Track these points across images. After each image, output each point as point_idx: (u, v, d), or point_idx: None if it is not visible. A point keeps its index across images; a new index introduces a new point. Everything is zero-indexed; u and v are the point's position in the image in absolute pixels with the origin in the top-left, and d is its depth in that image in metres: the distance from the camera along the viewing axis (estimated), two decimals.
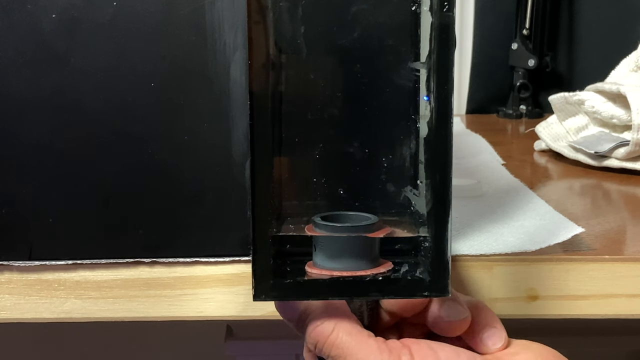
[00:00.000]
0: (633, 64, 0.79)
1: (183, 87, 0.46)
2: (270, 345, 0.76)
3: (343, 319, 0.40)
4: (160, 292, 0.48)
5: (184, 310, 0.48)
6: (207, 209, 0.47)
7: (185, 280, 0.48)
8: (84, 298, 0.48)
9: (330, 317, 0.40)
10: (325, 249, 0.42)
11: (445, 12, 0.40)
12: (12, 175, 0.46)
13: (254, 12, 0.40)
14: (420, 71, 0.43)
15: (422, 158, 0.43)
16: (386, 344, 0.38)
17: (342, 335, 0.39)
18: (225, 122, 0.46)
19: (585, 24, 1.11)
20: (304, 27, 0.44)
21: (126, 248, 0.47)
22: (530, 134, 0.85)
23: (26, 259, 0.47)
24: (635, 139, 0.69)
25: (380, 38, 0.44)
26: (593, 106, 0.74)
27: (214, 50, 0.45)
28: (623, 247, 0.52)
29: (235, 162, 0.46)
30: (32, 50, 0.45)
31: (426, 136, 0.42)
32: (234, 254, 0.47)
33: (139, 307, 0.48)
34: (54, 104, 0.46)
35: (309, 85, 0.44)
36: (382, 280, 0.41)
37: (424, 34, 0.42)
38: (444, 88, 0.40)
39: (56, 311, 0.48)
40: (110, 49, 0.45)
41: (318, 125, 0.45)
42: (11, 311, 0.48)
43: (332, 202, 0.45)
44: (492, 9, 1.11)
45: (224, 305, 0.48)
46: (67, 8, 0.45)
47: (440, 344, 0.38)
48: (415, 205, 0.44)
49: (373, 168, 0.45)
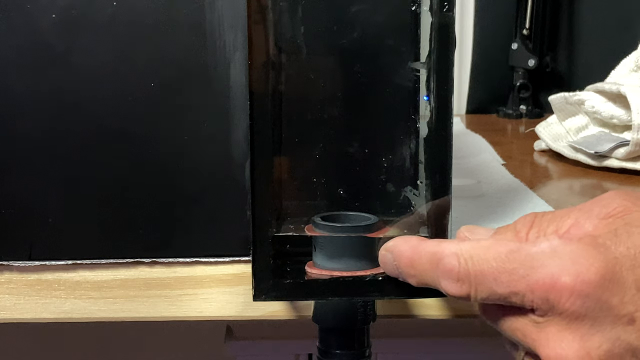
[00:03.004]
0: (633, 64, 0.79)
1: (183, 87, 0.46)
2: (270, 345, 0.76)
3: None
4: (160, 292, 0.48)
5: (184, 311, 0.48)
6: (207, 209, 0.47)
7: (185, 280, 0.48)
8: (84, 298, 0.48)
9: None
10: (325, 249, 0.42)
11: (445, 12, 0.40)
12: (12, 175, 0.46)
13: (254, 12, 0.40)
14: (420, 71, 0.43)
15: (422, 158, 0.43)
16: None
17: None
18: (225, 122, 0.46)
19: (585, 24, 1.11)
20: (304, 27, 0.44)
21: (126, 248, 0.47)
22: (530, 134, 0.85)
23: (26, 259, 0.47)
24: (635, 139, 0.69)
25: (380, 38, 0.44)
26: (593, 106, 0.74)
27: (214, 50, 0.45)
28: None
29: (235, 162, 0.46)
30: (32, 50, 0.45)
31: (426, 136, 0.42)
32: (234, 254, 0.47)
33: (139, 307, 0.48)
34: (54, 104, 0.46)
35: (309, 85, 0.44)
36: (382, 280, 0.41)
37: (424, 34, 0.42)
38: (444, 88, 0.40)
39: (56, 311, 0.48)
40: (110, 49, 0.45)
41: (318, 125, 0.45)
42: (11, 311, 0.48)
43: (332, 202, 0.45)
44: (492, 9, 1.11)
45: (224, 305, 0.48)
46: (67, 8, 0.45)
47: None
48: (415, 205, 0.44)
49: (373, 168, 0.45)
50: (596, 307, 0.33)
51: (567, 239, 0.34)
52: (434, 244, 0.37)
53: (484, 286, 0.35)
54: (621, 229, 0.34)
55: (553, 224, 0.36)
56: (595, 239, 0.34)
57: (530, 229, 0.37)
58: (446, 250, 0.36)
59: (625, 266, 0.33)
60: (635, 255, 0.33)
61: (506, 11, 1.09)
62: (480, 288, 0.35)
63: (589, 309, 0.33)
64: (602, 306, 0.33)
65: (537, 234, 0.36)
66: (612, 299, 0.33)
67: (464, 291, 0.36)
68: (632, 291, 0.33)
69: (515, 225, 0.37)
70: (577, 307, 0.33)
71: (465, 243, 0.36)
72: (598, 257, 0.33)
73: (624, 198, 0.36)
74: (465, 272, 0.35)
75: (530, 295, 0.34)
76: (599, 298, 0.33)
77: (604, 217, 0.35)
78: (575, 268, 0.33)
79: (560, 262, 0.33)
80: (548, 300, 0.33)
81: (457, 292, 0.36)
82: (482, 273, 0.35)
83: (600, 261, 0.33)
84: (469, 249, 0.36)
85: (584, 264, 0.33)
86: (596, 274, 0.33)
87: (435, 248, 0.37)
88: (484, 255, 0.35)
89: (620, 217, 0.35)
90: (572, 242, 0.34)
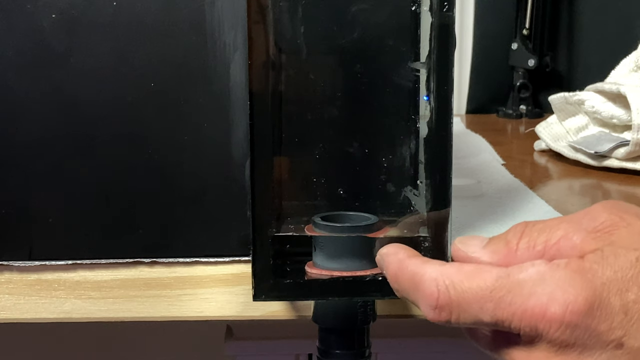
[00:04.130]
0: (633, 64, 0.79)
1: (183, 87, 0.46)
2: (270, 345, 0.76)
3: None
4: (160, 292, 0.48)
5: (184, 310, 0.48)
6: (207, 209, 0.47)
7: (185, 280, 0.48)
8: (84, 298, 0.48)
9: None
10: (325, 249, 0.42)
11: (445, 12, 0.40)
12: (12, 175, 0.46)
13: (254, 12, 0.40)
14: (420, 71, 0.43)
15: (422, 158, 0.43)
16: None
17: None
18: (225, 122, 0.46)
19: (585, 24, 1.11)
20: (304, 27, 0.44)
21: (126, 248, 0.47)
22: (530, 134, 0.85)
23: (26, 259, 0.47)
24: (635, 139, 0.69)
25: (380, 38, 0.44)
26: (593, 106, 0.74)
27: (214, 50, 0.45)
28: None
29: (235, 162, 0.46)
30: (32, 50, 0.45)
31: (426, 136, 0.42)
32: (234, 254, 0.47)
33: (139, 307, 0.48)
34: (54, 104, 0.46)
35: (309, 85, 0.44)
36: (382, 280, 0.41)
37: (424, 34, 0.42)
38: (444, 88, 0.40)
39: (56, 311, 0.48)
40: (110, 49, 0.45)
41: (318, 125, 0.45)
42: (11, 311, 0.48)
43: (332, 202, 0.45)
44: (492, 9, 1.11)
45: (224, 305, 0.48)
46: (67, 8, 0.45)
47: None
48: (415, 205, 0.44)
49: (373, 168, 0.45)
50: (585, 335, 0.33)
51: (554, 265, 0.34)
52: (417, 264, 0.37)
53: (467, 313, 0.35)
54: (608, 250, 0.34)
55: (543, 234, 0.36)
56: (582, 263, 0.34)
57: (521, 239, 0.37)
58: (426, 275, 0.36)
59: (612, 291, 0.33)
60: (622, 278, 0.34)
61: (506, 11, 1.09)
62: (464, 315, 0.35)
63: (578, 337, 0.33)
64: (590, 334, 0.33)
65: (528, 244, 0.37)
66: (600, 326, 0.33)
67: (442, 318, 0.36)
68: (620, 316, 0.33)
69: (507, 235, 0.38)
70: (567, 337, 0.33)
71: (447, 267, 0.36)
72: (586, 285, 0.33)
73: (611, 211, 0.36)
74: (446, 299, 0.35)
75: (518, 323, 0.34)
76: (587, 326, 0.33)
77: (592, 231, 0.35)
78: (564, 297, 0.33)
79: (549, 291, 0.34)
80: (537, 329, 0.34)
81: (434, 318, 0.36)
82: (465, 301, 0.35)
83: (588, 289, 0.33)
84: (450, 274, 0.36)
85: (572, 293, 0.33)
86: (585, 304, 0.33)
87: (417, 269, 0.37)
88: (468, 283, 0.35)
89: (607, 233, 0.35)
90: (559, 268, 0.34)
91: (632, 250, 0.34)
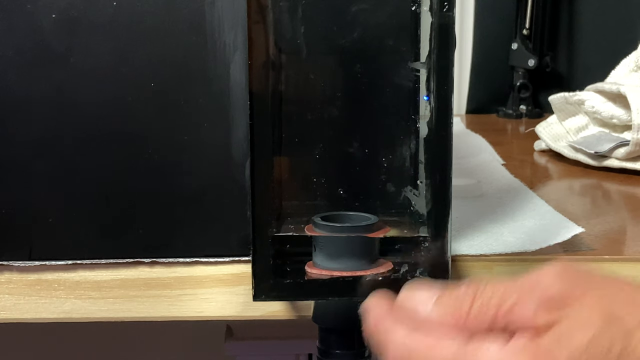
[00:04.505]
0: (633, 64, 0.79)
1: (183, 87, 0.46)
2: (270, 345, 0.76)
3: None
4: (160, 292, 0.48)
5: (184, 310, 0.48)
6: (207, 209, 0.47)
7: (185, 280, 0.48)
8: (84, 298, 0.48)
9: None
10: (325, 249, 0.42)
11: (445, 12, 0.40)
12: (12, 176, 0.46)
13: (254, 12, 0.40)
14: (420, 71, 0.43)
15: (422, 158, 0.43)
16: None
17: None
18: (225, 122, 0.46)
19: (585, 24, 1.11)
20: (304, 27, 0.44)
21: (126, 248, 0.47)
22: (530, 134, 0.85)
23: (26, 259, 0.47)
24: (635, 139, 0.69)
25: (380, 38, 0.44)
26: (593, 106, 0.74)
27: (214, 50, 0.45)
28: (623, 247, 0.52)
29: (235, 162, 0.46)
30: (32, 50, 0.45)
31: (426, 136, 0.42)
32: (234, 254, 0.47)
33: (139, 307, 0.48)
34: (54, 104, 0.46)
35: (309, 85, 0.44)
36: (382, 280, 0.41)
37: (424, 34, 0.42)
38: (444, 88, 0.40)
39: (56, 311, 0.48)
40: (110, 49, 0.45)
41: (318, 125, 0.45)
42: (11, 311, 0.48)
43: (332, 202, 0.45)
44: (492, 9, 1.11)
45: (224, 305, 0.48)
46: (67, 8, 0.45)
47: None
48: (415, 205, 0.44)
49: (373, 168, 0.45)
50: None
51: (511, 350, 0.34)
52: (388, 325, 0.37)
53: None
54: (563, 328, 0.34)
55: (495, 297, 0.36)
56: (538, 348, 0.34)
57: (474, 302, 0.37)
58: (390, 344, 0.36)
59: None
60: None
61: (506, 11, 1.09)
62: None
63: None
64: None
65: (480, 309, 0.36)
66: None
67: None
68: None
69: (458, 295, 0.37)
70: None
71: (411, 337, 0.36)
72: None
73: (564, 279, 0.36)
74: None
75: None
76: None
77: (545, 301, 0.35)
78: None
79: None
80: None
81: None
82: None
83: None
84: (412, 344, 0.36)
85: None
86: None
87: (384, 335, 0.37)
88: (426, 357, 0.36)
89: (561, 305, 0.35)
90: (517, 354, 0.34)
91: (585, 328, 0.34)
